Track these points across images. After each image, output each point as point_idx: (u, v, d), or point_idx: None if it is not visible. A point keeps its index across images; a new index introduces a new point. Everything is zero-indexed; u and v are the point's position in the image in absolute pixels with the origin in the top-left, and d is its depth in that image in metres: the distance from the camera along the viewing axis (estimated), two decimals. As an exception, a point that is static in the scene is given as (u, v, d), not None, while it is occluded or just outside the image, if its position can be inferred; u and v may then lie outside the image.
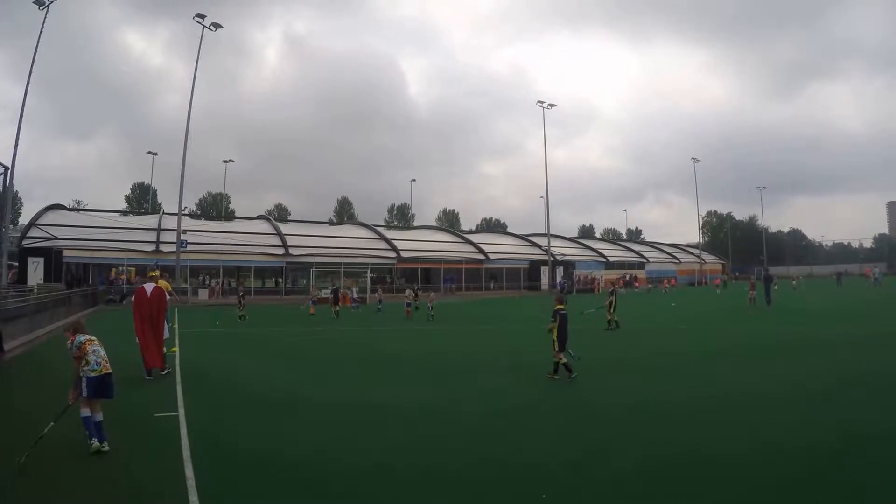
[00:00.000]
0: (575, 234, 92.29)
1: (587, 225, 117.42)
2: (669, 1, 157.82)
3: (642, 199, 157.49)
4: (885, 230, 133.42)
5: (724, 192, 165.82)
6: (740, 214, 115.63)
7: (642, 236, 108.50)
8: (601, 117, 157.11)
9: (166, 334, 11.50)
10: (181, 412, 7.95)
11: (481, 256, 53.76)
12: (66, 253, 38.23)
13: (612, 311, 18.75)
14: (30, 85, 31.58)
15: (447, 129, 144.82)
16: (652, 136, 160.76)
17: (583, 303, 25.46)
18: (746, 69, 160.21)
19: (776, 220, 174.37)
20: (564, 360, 10.09)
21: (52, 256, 37.18)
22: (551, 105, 55.40)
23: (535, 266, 56.77)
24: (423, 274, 50.17)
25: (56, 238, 38.79)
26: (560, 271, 57.13)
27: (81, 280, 39.47)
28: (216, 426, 7.36)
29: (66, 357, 6.61)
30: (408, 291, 29.78)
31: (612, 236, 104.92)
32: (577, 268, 61.17)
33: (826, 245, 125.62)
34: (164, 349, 11.23)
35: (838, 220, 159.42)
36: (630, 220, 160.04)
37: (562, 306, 10.43)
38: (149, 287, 11.25)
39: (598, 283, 57.09)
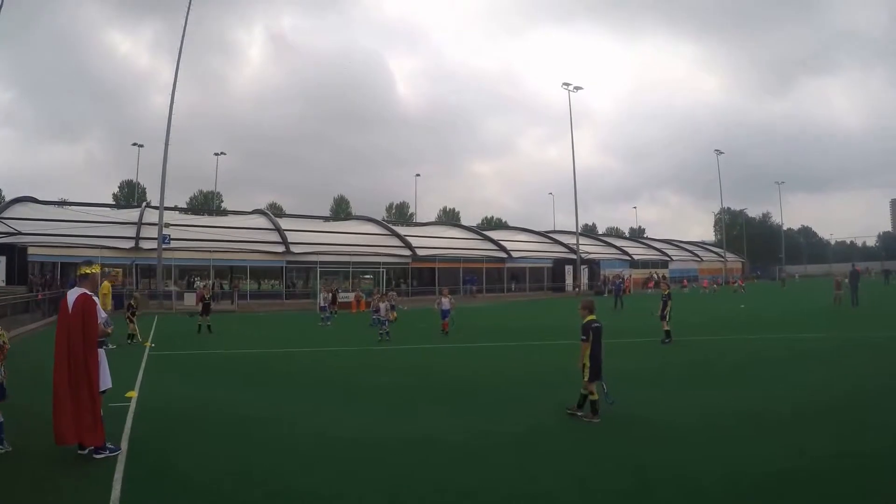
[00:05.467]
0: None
1: (590, 224, 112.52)
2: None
3: (637, 197, 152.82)
4: (888, 228, 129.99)
5: (722, 189, 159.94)
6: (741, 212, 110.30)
7: (645, 234, 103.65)
8: (593, 114, 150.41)
9: (106, 383, 6.19)
10: None
11: (503, 255, 48.38)
12: (31, 251, 32.78)
13: (668, 318, 14.93)
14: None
15: (438, 127, 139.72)
16: (645, 134, 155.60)
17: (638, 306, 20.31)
18: (741, 63, 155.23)
19: (778, 218, 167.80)
20: (595, 396, 7.34)
21: (15, 254, 31.82)
22: (577, 88, 50.37)
23: (559, 265, 51.65)
24: (440, 274, 44.71)
25: (20, 233, 33.28)
26: (586, 270, 52.14)
27: (50, 283, 33.97)
28: None
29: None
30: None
31: (615, 235, 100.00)
32: (603, 267, 56.14)
33: (831, 243, 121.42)
34: (101, 410, 5.98)
35: (839, 218, 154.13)
36: (628, 218, 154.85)
37: (593, 316, 7.65)
38: (72, 296, 6.11)
39: (630, 284, 52.06)
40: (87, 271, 6.51)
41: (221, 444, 6.40)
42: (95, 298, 6.16)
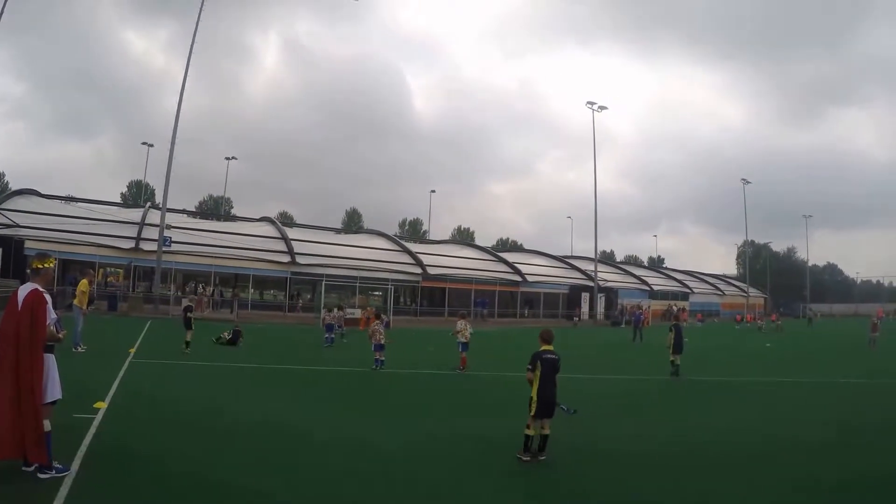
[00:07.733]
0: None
1: (608, 251, 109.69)
2: (683, 17, 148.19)
3: (656, 226, 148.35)
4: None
5: (740, 222, 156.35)
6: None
7: (665, 265, 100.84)
8: (612, 138, 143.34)
9: (55, 394, 5.37)
10: None
11: (517, 278, 46.42)
12: (28, 244, 31.54)
13: (671, 349, 14.57)
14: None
15: (454, 144, 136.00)
16: (665, 160, 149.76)
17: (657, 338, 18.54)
18: (763, 91, 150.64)
19: (801, 253, 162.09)
20: (531, 431, 6.52)
21: (11, 247, 30.63)
22: (602, 107, 48.74)
23: (575, 292, 49.54)
24: (451, 295, 42.77)
25: (18, 226, 32.18)
26: (603, 298, 49.94)
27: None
28: None
29: None
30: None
31: (633, 263, 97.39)
32: (621, 296, 53.91)
33: (857, 282, 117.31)
34: (46, 424, 5.23)
35: (866, 256, 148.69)
36: (646, 247, 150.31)
37: (549, 347, 6.93)
38: (22, 291, 5.42)
39: (648, 315, 49.71)
40: (41, 265, 5.70)
41: (190, 466, 5.75)
42: (47, 296, 5.44)
